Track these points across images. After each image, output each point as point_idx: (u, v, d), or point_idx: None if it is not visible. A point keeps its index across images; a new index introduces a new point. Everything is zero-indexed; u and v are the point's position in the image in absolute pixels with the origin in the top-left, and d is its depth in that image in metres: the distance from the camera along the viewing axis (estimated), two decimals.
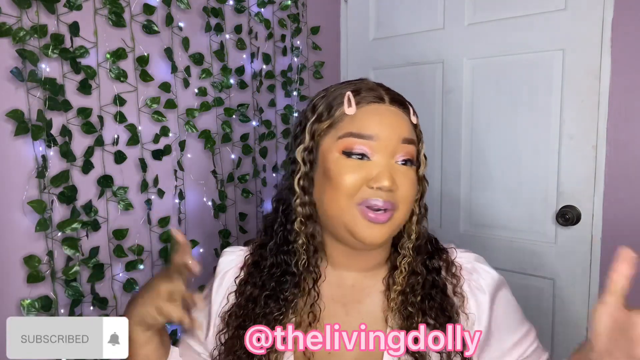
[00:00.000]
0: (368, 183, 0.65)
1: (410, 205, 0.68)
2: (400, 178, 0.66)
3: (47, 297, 1.12)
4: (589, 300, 1.43)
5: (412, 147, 0.68)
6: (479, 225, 1.65)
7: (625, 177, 1.34)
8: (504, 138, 1.56)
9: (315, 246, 0.71)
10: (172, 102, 1.36)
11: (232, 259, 0.80)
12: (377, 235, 0.65)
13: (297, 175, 0.70)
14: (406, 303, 0.69)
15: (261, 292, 0.72)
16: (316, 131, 0.69)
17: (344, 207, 0.65)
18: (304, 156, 0.69)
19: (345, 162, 0.66)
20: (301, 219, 0.70)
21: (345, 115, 0.68)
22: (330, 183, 0.66)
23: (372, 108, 0.68)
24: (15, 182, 1.08)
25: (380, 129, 0.66)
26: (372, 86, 0.71)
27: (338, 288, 0.73)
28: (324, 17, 1.88)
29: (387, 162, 0.66)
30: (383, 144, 0.66)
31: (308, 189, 0.69)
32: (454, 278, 0.72)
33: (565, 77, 1.42)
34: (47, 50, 1.09)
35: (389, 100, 0.69)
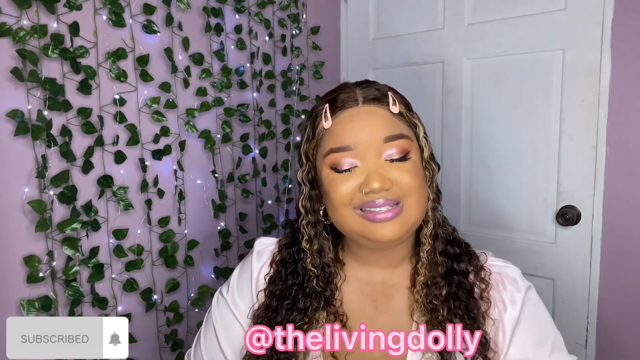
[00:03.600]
0: (360, 189, 0.65)
1: (419, 192, 0.67)
2: (394, 172, 0.65)
3: (47, 297, 1.12)
4: (589, 300, 1.43)
5: (401, 141, 0.66)
6: (479, 225, 1.65)
7: (625, 177, 1.34)
8: (504, 138, 1.56)
9: (324, 262, 0.72)
10: (172, 102, 1.36)
11: (269, 242, 0.81)
12: (392, 232, 0.64)
13: (301, 197, 0.73)
14: (430, 296, 0.69)
15: (281, 302, 0.72)
16: (308, 152, 0.71)
17: (347, 216, 0.66)
18: (302, 177, 0.72)
19: (335, 177, 0.67)
20: (307, 237, 0.72)
21: (324, 130, 0.69)
22: (328, 198, 0.68)
23: (346, 115, 0.68)
24: (15, 182, 1.08)
25: (356, 136, 0.66)
26: (348, 90, 0.70)
27: (367, 284, 0.75)
28: (324, 17, 1.88)
29: (373, 164, 0.65)
30: (364, 149, 0.65)
31: (312, 208, 0.72)
32: (482, 282, 0.71)
33: (565, 77, 1.42)
34: (47, 50, 1.09)
35: (363, 100, 0.68)
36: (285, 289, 0.73)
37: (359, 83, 0.72)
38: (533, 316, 0.70)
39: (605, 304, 1.40)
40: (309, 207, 0.72)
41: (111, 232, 1.25)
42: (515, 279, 0.72)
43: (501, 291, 0.71)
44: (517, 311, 0.69)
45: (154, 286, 1.35)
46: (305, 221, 0.72)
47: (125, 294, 1.29)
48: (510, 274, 0.72)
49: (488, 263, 0.73)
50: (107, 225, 1.25)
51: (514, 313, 0.69)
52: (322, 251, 0.72)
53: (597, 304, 1.41)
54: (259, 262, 0.78)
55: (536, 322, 0.70)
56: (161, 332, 1.38)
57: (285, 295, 0.73)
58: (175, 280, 1.39)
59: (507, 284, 0.71)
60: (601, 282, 1.40)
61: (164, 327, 1.39)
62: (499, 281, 0.72)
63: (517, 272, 0.73)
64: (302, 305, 0.71)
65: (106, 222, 1.25)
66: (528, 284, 0.73)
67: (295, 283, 0.73)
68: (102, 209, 1.24)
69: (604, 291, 1.40)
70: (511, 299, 0.70)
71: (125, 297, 1.29)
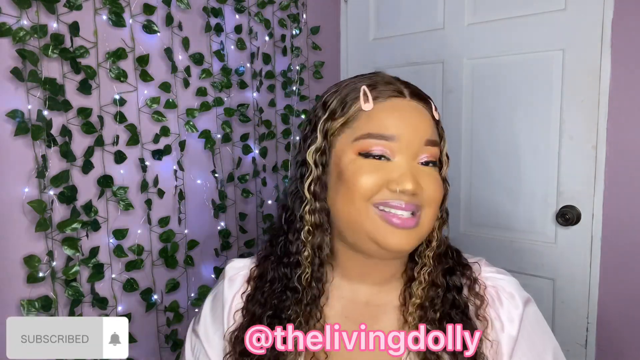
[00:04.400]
0: (389, 185, 0.59)
1: (437, 207, 0.63)
2: (425, 179, 0.61)
3: (47, 297, 1.12)
4: (589, 300, 1.43)
5: (436, 148, 0.63)
6: (479, 225, 1.65)
7: (625, 177, 1.34)
8: (504, 138, 1.56)
9: (321, 259, 0.65)
10: (172, 102, 1.36)
11: (240, 266, 0.75)
12: (404, 242, 0.60)
13: (307, 180, 0.64)
14: (424, 319, 0.64)
15: (264, 310, 0.67)
16: (329, 130, 0.63)
17: (363, 211, 0.60)
18: (315, 158, 0.63)
19: (362, 162, 0.60)
20: (309, 227, 0.64)
21: (361, 111, 0.62)
22: (345, 186, 0.61)
23: (391, 104, 0.62)
24: (15, 182, 1.08)
25: (401, 128, 0.60)
26: (389, 79, 0.65)
27: (352, 304, 0.69)
28: (324, 17, 1.88)
29: (409, 163, 0.60)
30: (405, 145, 0.60)
31: (319, 195, 0.63)
32: (477, 298, 0.66)
33: (565, 77, 1.42)
34: (47, 50, 1.08)
35: (409, 95, 0.64)
36: (268, 296, 0.67)
37: (394, 77, 0.67)
38: (532, 334, 0.66)
39: (605, 304, 1.40)
40: (318, 193, 0.63)
41: (111, 232, 1.25)
42: (512, 294, 0.67)
43: (498, 308, 0.66)
44: (516, 330, 0.65)
45: (154, 286, 1.35)
46: (310, 207, 0.63)
47: (125, 294, 1.29)
48: (507, 289, 0.67)
49: (482, 275, 0.68)
50: (107, 225, 1.25)
51: (512, 332, 0.65)
52: (321, 247, 0.65)
53: (597, 304, 1.41)
54: (231, 290, 0.72)
55: (535, 340, 0.66)
56: (161, 332, 1.38)
57: (267, 304, 0.67)
58: (175, 280, 1.39)
59: (504, 300, 0.66)
60: (601, 282, 1.40)
61: (164, 327, 1.39)
62: (495, 297, 0.67)
63: (513, 285, 0.68)
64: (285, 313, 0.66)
65: (106, 222, 1.25)
66: (526, 296, 0.68)
67: (278, 288, 0.67)
68: (102, 209, 1.24)
69: (604, 291, 1.40)
70: (509, 317, 0.65)
71: (125, 297, 1.29)
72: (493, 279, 0.68)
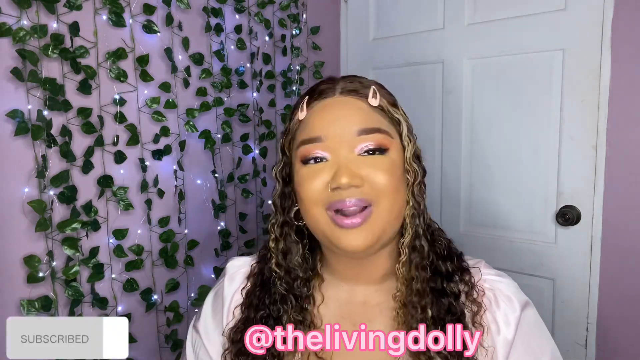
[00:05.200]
0: (329, 185, 0.60)
1: (393, 195, 0.61)
2: (367, 169, 0.60)
3: (47, 297, 1.12)
4: (589, 300, 1.43)
5: (377, 135, 0.61)
6: (479, 225, 1.65)
7: (625, 177, 1.34)
8: (504, 138, 1.56)
9: (289, 266, 0.68)
10: (172, 102, 1.36)
11: (240, 264, 0.77)
12: (358, 241, 0.59)
13: (274, 194, 0.69)
14: (412, 318, 0.64)
15: (258, 311, 0.69)
16: (284, 145, 0.68)
17: (317, 216, 0.62)
18: (276, 173, 0.69)
19: (304, 171, 0.63)
20: (273, 237, 0.69)
21: (298, 122, 0.66)
22: (298, 196, 0.64)
23: (319, 106, 0.64)
24: (15, 182, 1.08)
25: (326, 127, 0.62)
26: (330, 82, 0.67)
27: (348, 305, 0.70)
28: (324, 17, 1.88)
29: (344, 158, 0.60)
30: (335, 142, 0.61)
31: (280, 207, 0.68)
32: (474, 305, 0.65)
33: (565, 77, 1.42)
34: (47, 50, 1.09)
35: (339, 92, 0.65)
36: (260, 297, 0.70)
37: (345, 76, 0.68)
38: (529, 338, 0.65)
39: (605, 304, 1.40)
40: (279, 205, 0.68)
41: (111, 232, 1.25)
42: (510, 297, 0.66)
43: (494, 311, 0.65)
44: (512, 333, 0.64)
45: (154, 286, 1.35)
46: (273, 220, 0.69)
47: (125, 294, 1.29)
48: (504, 292, 0.66)
49: (481, 280, 0.67)
50: (107, 225, 1.25)
51: (508, 335, 0.64)
52: (289, 253, 0.68)
53: (597, 304, 1.41)
54: (231, 287, 0.74)
55: (533, 343, 0.65)
56: (161, 332, 1.38)
57: (259, 306, 0.69)
58: (175, 280, 1.39)
59: (501, 303, 0.66)
60: (601, 282, 1.40)
61: (164, 327, 1.39)
62: (492, 300, 0.66)
63: (511, 289, 0.67)
64: (275, 314, 0.68)
65: (106, 222, 1.25)
66: (524, 300, 0.67)
67: (267, 290, 0.70)
68: (102, 209, 1.24)
69: (604, 291, 1.40)
70: (505, 319, 0.65)
71: (125, 297, 1.29)
72: (491, 281, 0.68)
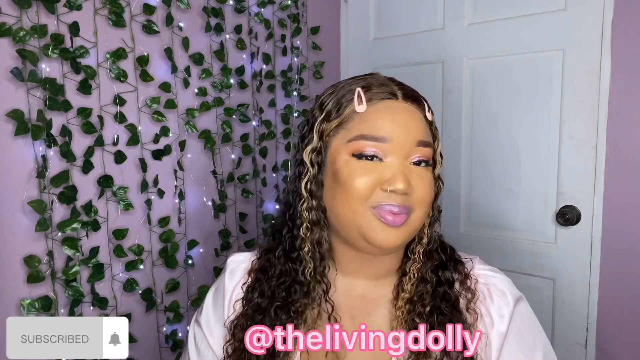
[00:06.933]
0: (381, 185, 0.61)
1: (427, 207, 0.64)
2: (416, 179, 0.63)
3: (47, 297, 1.12)
4: (589, 300, 1.43)
5: (428, 149, 0.64)
6: (479, 225, 1.65)
7: (625, 177, 1.34)
8: (504, 138, 1.56)
9: (321, 254, 0.67)
10: (172, 102, 1.36)
11: (241, 259, 0.78)
12: (393, 239, 0.62)
13: (304, 178, 0.66)
14: (413, 313, 0.66)
15: (271, 302, 0.69)
16: (325, 131, 0.66)
17: (358, 211, 0.62)
18: (312, 158, 0.66)
19: (356, 165, 0.62)
20: (307, 224, 0.67)
21: (355, 113, 0.64)
22: (341, 187, 0.63)
23: (384, 106, 0.64)
24: (15, 182, 1.08)
25: (393, 130, 0.62)
26: (383, 81, 0.67)
27: (347, 298, 0.71)
28: (324, 17, 1.88)
29: (401, 164, 0.62)
30: (397, 146, 0.62)
31: (316, 193, 0.66)
32: (468, 292, 0.68)
33: (565, 77, 1.42)
34: (47, 50, 1.09)
35: (402, 97, 0.65)
36: (273, 290, 0.69)
37: (390, 78, 0.69)
38: (522, 331, 0.66)
39: (605, 304, 1.40)
40: (315, 191, 0.66)
41: (111, 232, 1.25)
42: (503, 292, 0.68)
43: (488, 305, 0.67)
44: (505, 326, 0.66)
45: (154, 286, 1.35)
46: (308, 205, 0.66)
47: (125, 294, 1.29)
48: (498, 286, 0.68)
49: (475, 272, 0.70)
50: (107, 225, 1.25)
51: (502, 328, 0.66)
52: (320, 242, 0.67)
53: (597, 304, 1.41)
54: (232, 282, 0.75)
55: (526, 337, 0.66)
56: (161, 332, 1.38)
57: (274, 296, 0.69)
58: (175, 280, 1.39)
59: (495, 297, 0.67)
60: (601, 282, 1.40)
61: (164, 327, 1.39)
62: (486, 294, 0.68)
63: (505, 283, 0.69)
64: (294, 306, 0.67)
65: (106, 222, 1.25)
66: (518, 295, 0.69)
67: (285, 282, 0.69)
68: (102, 209, 1.24)
69: (604, 291, 1.40)
70: (499, 312, 0.66)
71: (125, 297, 1.29)
72: (485, 276, 0.70)
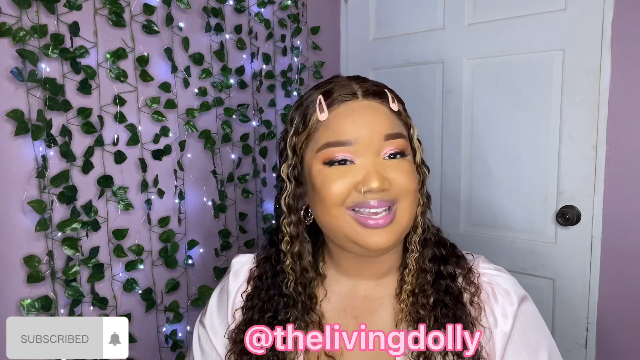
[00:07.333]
0: (356, 187, 0.62)
1: (413, 196, 0.64)
2: (392, 172, 0.62)
3: (47, 297, 1.12)
4: (589, 300, 1.43)
5: (400, 140, 0.64)
6: (479, 225, 1.65)
7: (625, 177, 1.34)
8: (504, 138, 1.56)
9: (302, 266, 0.68)
10: (172, 102, 1.36)
11: (245, 260, 0.78)
12: (383, 240, 0.61)
13: (283, 194, 0.68)
14: (417, 305, 0.66)
15: (263, 313, 0.70)
16: (296, 145, 0.66)
17: (338, 217, 0.62)
18: (287, 173, 0.67)
19: (328, 172, 0.63)
20: (287, 238, 0.68)
21: (319, 122, 0.64)
22: (318, 195, 0.64)
23: (345, 108, 0.64)
24: (15, 182, 1.08)
25: (357, 131, 0.62)
26: (344, 82, 0.67)
27: (350, 299, 0.71)
28: (324, 17, 1.88)
29: (372, 162, 0.62)
30: (364, 146, 0.62)
31: (293, 207, 0.67)
32: (471, 286, 0.68)
33: (565, 77, 1.42)
34: (47, 50, 1.09)
35: (362, 94, 0.65)
36: (265, 300, 0.70)
37: (352, 77, 0.69)
38: (526, 331, 0.66)
39: (605, 304, 1.40)
40: (293, 206, 0.67)
41: (111, 232, 1.25)
42: (507, 291, 0.67)
43: (492, 304, 0.67)
44: (509, 326, 0.65)
45: (154, 286, 1.35)
46: (287, 220, 0.68)
47: (125, 294, 1.29)
48: (502, 285, 0.68)
49: (480, 270, 0.69)
50: (107, 225, 1.25)
51: (505, 328, 0.65)
52: (301, 254, 0.68)
53: (597, 304, 1.41)
54: (236, 283, 0.75)
55: (530, 337, 0.66)
56: (161, 332, 1.38)
57: (265, 308, 0.70)
58: (175, 280, 1.39)
59: (499, 297, 0.67)
60: (601, 282, 1.40)
61: (164, 327, 1.39)
62: (490, 293, 0.68)
63: (509, 283, 0.69)
64: (283, 316, 0.68)
65: (106, 222, 1.25)
66: (522, 294, 0.68)
67: (274, 294, 0.70)
68: (102, 209, 1.24)
69: (604, 291, 1.40)
70: (503, 312, 0.66)
71: (125, 297, 1.29)
72: (489, 275, 0.69)
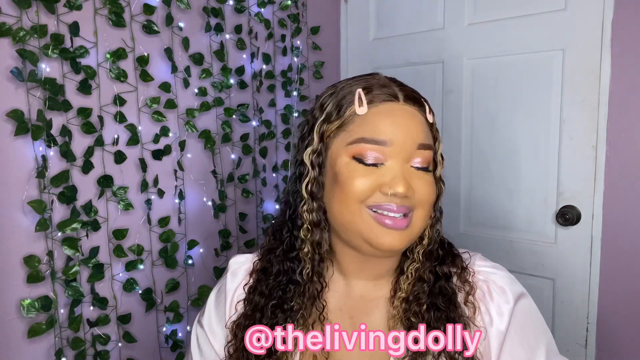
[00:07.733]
0: (381, 189, 0.61)
1: (429, 208, 0.64)
2: (416, 181, 0.62)
3: (47, 297, 1.12)
4: (589, 300, 1.43)
5: (429, 152, 0.64)
6: (479, 225, 1.65)
7: (625, 177, 1.34)
8: (504, 138, 1.56)
9: (321, 255, 0.67)
10: (172, 102, 1.36)
11: (242, 260, 0.78)
12: (396, 242, 0.61)
13: (305, 180, 0.66)
14: (409, 312, 0.66)
15: (268, 301, 0.69)
16: (325, 132, 0.65)
17: (356, 213, 0.62)
18: (312, 159, 0.65)
19: (356, 167, 0.62)
20: (308, 226, 0.66)
21: (355, 115, 0.63)
22: (340, 188, 0.62)
23: (385, 108, 0.63)
24: (15, 182, 1.08)
25: (394, 133, 0.62)
26: (384, 82, 0.66)
27: (346, 298, 0.71)
28: (324, 17, 1.88)
29: (401, 167, 0.62)
30: (397, 149, 0.62)
31: (316, 194, 0.65)
32: (465, 285, 0.67)
33: (565, 77, 1.42)
34: (47, 50, 1.09)
35: (403, 99, 0.64)
36: (272, 288, 0.69)
37: (390, 78, 0.68)
38: (524, 328, 0.65)
39: (605, 304, 1.40)
40: (316, 193, 0.65)
41: (111, 232, 1.25)
42: (503, 289, 0.66)
43: (488, 302, 0.66)
44: (505, 324, 0.64)
45: (154, 286, 1.35)
46: (308, 207, 0.66)
47: (125, 294, 1.29)
48: (498, 283, 0.67)
49: (475, 268, 0.69)
50: (107, 225, 1.25)
51: (501, 326, 0.64)
52: (320, 243, 0.67)
53: (597, 304, 1.41)
54: (233, 283, 0.75)
55: (528, 334, 0.65)
56: (161, 332, 1.38)
57: (270, 295, 0.69)
58: (175, 280, 1.39)
59: (495, 295, 0.66)
60: (601, 282, 1.40)
61: (164, 327, 1.39)
62: (486, 291, 0.67)
63: (505, 280, 0.68)
64: (288, 304, 0.67)
65: (106, 222, 1.25)
66: (519, 291, 0.67)
67: (283, 280, 0.69)
68: (102, 209, 1.24)
69: (604, 291, 1.40)
70: (498, 311, 0.65)
71: (125, 297, 1.29)
72: (485, 273, 0.69)
